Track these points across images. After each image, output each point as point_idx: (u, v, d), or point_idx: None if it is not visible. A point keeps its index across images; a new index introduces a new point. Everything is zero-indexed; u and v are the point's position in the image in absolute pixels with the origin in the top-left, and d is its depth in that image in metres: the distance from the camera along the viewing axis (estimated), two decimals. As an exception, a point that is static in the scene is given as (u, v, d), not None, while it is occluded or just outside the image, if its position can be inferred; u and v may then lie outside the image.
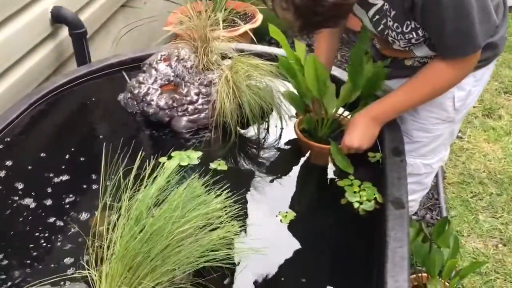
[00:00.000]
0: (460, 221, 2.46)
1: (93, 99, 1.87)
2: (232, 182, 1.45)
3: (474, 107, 3.18)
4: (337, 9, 1.25)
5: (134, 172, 1.07)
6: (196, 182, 1.18)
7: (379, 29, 1.52)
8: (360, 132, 1.55)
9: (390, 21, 1.45)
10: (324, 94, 1.58)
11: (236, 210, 1.19)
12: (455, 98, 1.66)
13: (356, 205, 1.45)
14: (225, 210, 1.12)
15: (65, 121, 1.80)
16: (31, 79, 2.08)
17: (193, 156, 1.59)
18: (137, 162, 1.10)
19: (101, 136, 1.73)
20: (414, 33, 1.46)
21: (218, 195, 1.12)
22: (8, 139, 1.63)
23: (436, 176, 2.60)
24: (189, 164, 1.55)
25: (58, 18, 2.15)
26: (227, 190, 1.22)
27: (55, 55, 2.23)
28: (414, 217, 2.43)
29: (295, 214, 1.41)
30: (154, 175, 1.09)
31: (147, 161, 1.15)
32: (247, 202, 1.43)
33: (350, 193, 1.48)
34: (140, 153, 1.15)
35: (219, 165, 1.57)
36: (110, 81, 1.93)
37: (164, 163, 1.18)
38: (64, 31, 2.24)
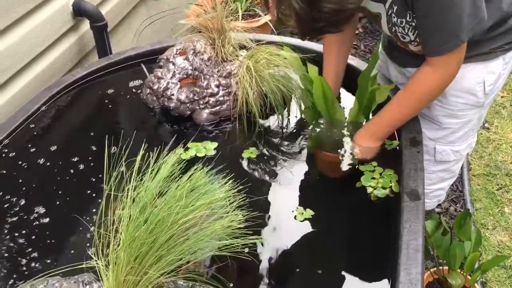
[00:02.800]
0: (485, 214, 2.40)
1: (113, 92, 1.87)
2: (257, 173, 1.47)
3: (502, 97, 3.10)
4: (337, 15, 1.25)
5: (137, 163, 1.07)
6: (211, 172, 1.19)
7: (389, 25, 1.50)
8: (362, 149, 1.55)
9: (394, 17, 1.45)
10: (334, 114, 1.60)
11: (247, 200, 1.20)
12: (486, 82, 1.63)
13: (369, 189, 1.44)
14: (230, 200, 1.12)
15: (84, 114, 1.81)
16: (54, 72, 2.11)
17: (209, 147, 1.59)
18: (141, 152, 1.10)
19: (121, 130, 1.70)
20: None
21: (222, 185, 1.12)
22: (28, 131, 1.66)
23: (461, 167, 2.55)
24: (205, 155, 1.55)
25: (79, 11, 2.18)
26: (244, 180, 1.23)
27: (77, 48, 2.26)
28: (437, 209, 2.39)
29: (312, 213, 1.39)
30: (158, 166, 1.09)
31: (151, 152, 1.15)
32: (264, 193, 1.43)
33: (366, 178, 1.47)
34: (143, 145, 1.14)
35: (251, 153, 1.59)
36: (129, 74, 1.94)
37: (180, 154, 1.19)
38: (86, 24, 2.27)
